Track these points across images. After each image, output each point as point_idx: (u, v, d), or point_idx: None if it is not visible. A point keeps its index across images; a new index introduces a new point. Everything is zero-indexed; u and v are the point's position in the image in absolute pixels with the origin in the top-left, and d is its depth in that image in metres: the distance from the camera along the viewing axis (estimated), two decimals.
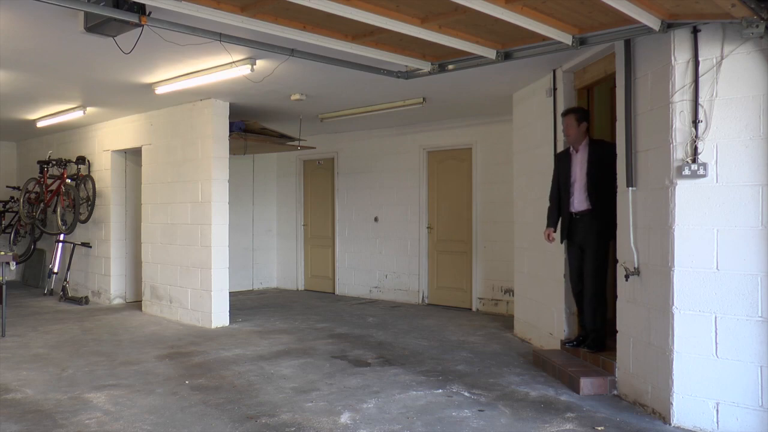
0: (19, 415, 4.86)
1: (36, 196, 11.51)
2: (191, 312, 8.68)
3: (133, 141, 9.96)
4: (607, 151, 5.64)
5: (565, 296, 6.49)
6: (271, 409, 4.96)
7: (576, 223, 5.97)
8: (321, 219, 12.11)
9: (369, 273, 11.26)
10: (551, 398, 5.26)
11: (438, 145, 10.38)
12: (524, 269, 7.69)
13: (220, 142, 8.53)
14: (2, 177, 13.33)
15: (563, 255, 6.47)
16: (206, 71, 6.88)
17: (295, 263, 12.48)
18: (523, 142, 7.76)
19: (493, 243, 9.63)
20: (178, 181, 9.00)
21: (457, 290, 10.14)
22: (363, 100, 8.54)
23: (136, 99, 8.57)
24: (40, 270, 12.38)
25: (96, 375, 6.01)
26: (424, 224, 10.52)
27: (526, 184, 7.61)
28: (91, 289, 10.83)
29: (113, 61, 6.47)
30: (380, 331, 8.10)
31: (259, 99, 8.29)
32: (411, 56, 5.99)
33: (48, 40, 5.89)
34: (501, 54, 5.70)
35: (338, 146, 11.66)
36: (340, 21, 4.85)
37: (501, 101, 8.31)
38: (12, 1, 4.72)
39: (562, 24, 4.97)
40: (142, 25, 4.78)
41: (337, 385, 5.61)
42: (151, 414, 4.86)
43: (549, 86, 6.81)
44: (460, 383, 5.68)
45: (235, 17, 4.73)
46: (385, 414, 4.85)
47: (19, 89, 8.02)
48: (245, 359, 6.60)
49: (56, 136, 11.81)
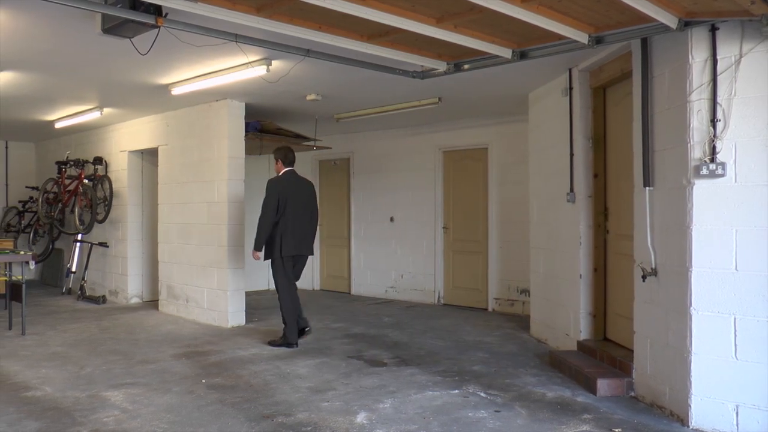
0: (39, 412, 4.91)
1: (54, 196, 11.61)
2: (207, 311, 8.72)
3: (149, 141, 10.03)
4: None
5: (582, 297, 6.45)
6: (287, 408, 4.98)
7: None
8: (337, 219, 12.12)
9: (385, 273, 11.26)
10: (568, 399, 5.24)
11: (453, 145, 10.35)
12: (540, 269, 7.66)
13: (236, 143, 8.56)
14: (21, 177, 13.47)
15: (579, 255, 6.44)
16: (222, 72, 6.90)
17: (310, 263, 12.40)
18: (539, 142, 7.73)
19: (509, 243, 9.60)
20: (194, 182, 9.05)
21: (473, 290, 10.12)
22: (378, 100, 8.54)
23: (152, 100, 8.62)
24: (58, 269, 12.48)
25: (113, 373, 6.06)
26: (439, 224, 10.51)
27: (542, 183, 7.58)
28: (109, 289, 10.91)
29: (130, 62, 6.52)
30: (396, 331, 8.10)
31: (274, 99, 8.31)
32: (426, 56, 5.98)
33: (66, 41, 5.94)
34: (517, 53, 5.68)
35: (354, 146, 11.66)
36: (355, 21, 4.85)
37: (517, 101, 8.28)
38: (30, 4, 4.76)
39: (578, 23, 4.94)
40: (159, 26, 4.81)
41: (353, 385, 5.62)
42: (168, 412, 4.89)
43: (565, 86, 6.78)
44: (476, 384, 5.67)
45: (250, 18, 4.74)
46: (402, 414, 4.85)
47: (37, 90, 8.09)
48: (261, 359, 6.62)
49: (74, 136, 11.91)
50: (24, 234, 12.70)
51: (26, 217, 12.80)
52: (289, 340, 7.15)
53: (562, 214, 6.89)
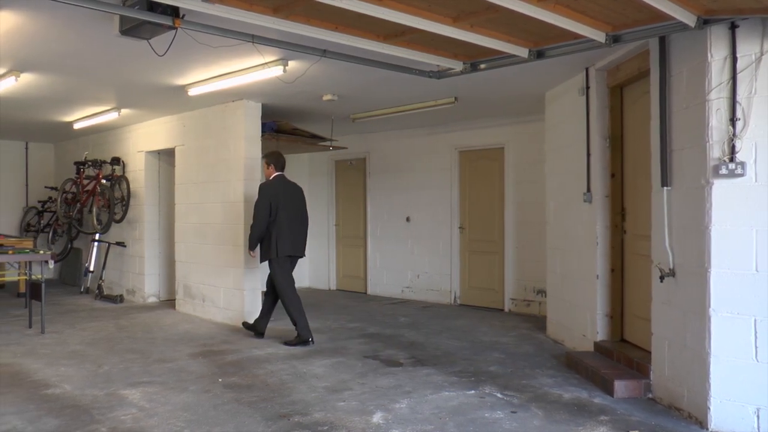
0: (58, 409, 4.96)
1: (72, 196, 11.71)
2: (224, 311, 8.76)
3: (166, 142, 10.09)
4: None
5: (599, 297, 6.42)
6: (304, 407, 4.99)
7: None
8: (353, 219, 12.13)
9: (401, 273, 11.26)
10: (584, 400, 5.21)
11: (470, 144, 10.33)
12: (556, 270, 7.63)
13: (253, 143, 8.59)
14: (40, 178, 13.62)
15: (596, 255, 6.40)
16: (239, 72, 6.93)
17: (326, 263, 12.53)
18: (555, 142, 7.69)
19: (525, 243, 9.56)
20: (210, 182, 9.09)
21: (489, 291, 10.09)
22: (395, 99, 8.54)
23: (169, 100, 8.68)
24: (76, 268, 12.59)
25: (131, 372, 6.11)
26: (455, 224, 10.49)
27: (558, 183, 7.54)
28: (126, 288, 10.99)
29: (147, 63, 6.56)
30: (412, 331, 8.09)
31: (291, 99, 8.33)
32: (443, 56, 5.97)
33: (84, 43, 5.99)
34: (533, 53, 5.66)
35: (370, 146, 11.67)
36: (371, 21, 4.85)
37: (533, 100, 8.25)
38: (50, 7, 4.80)
39: (595, 21, 4.91)
40: (176, 27, 4.84)
41: (370, 385, 5.62)
42: (185, 411, 4.92)
43: (582, 85, 6.74)
44: (492, 384, 5.66)
45: (267, 19, 4.76)
46: (418, 414, 4.85)
47: (57, 92, 8.17)
48: (277, 358, 6.64)
49: (92, 137, 12.01)
50: (43, 233, 12.84)
51: (45, 216, 12.94)
52: (303, 337, 7.26)
53: (578, 214, 6.86)
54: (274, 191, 7.40)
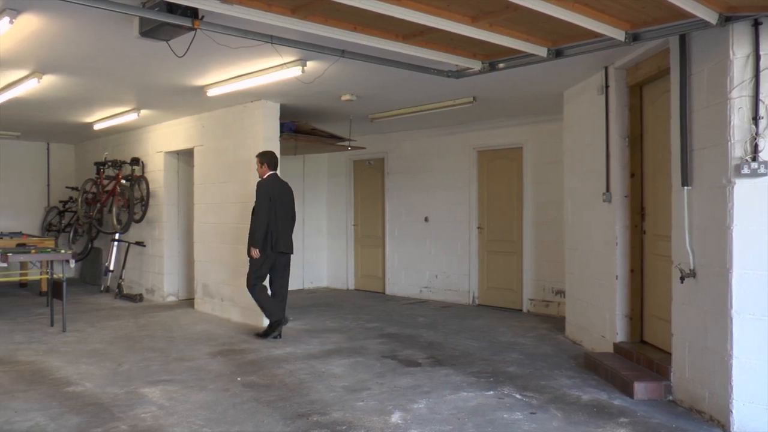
0: (79, 407, 5.01)
1: (93, 196, 11.82)
2: (242, 310, 8.79)
3: (185, 142, 10.15)
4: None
5: (618, 298, 6.37)
6: (323, 407, 5.00)
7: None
8: (371, 219, 12.14)
9: (419, 273, 11.25)
10: (604, 402, 5.17)
11: (488, 144, 10.30)
12: (575, 270, 7.58)
13: (271, 143, 8.60)
14: (61, 178, 13.76)
15: (615, 256, 6.35)
16: (257, 73, 6.96)
17: (345, 263, 12.55)
18: (574, 141, 7.65)
19: (544, 243, 9.52)
20: (229, 182, 9.13)
21: (507, 291, 10.05)
22: (413, 99, 8.53)
23: (188, 101, 8.73)
24: (96, 268, 12.71)
25: (150, 370, 6.15)
26: (474, 224, 10.46)
27: (577, 183, 7.50)
28: (145, 287, 11.08)
29: (167, 64, 6.60)
30: (430, 332, 8.08)
31: (309, 100, 8.35)
32: (461, 55, 5.96)
33: (104, 45, 6.04)
34: (552, 52, 5.63)
35: (388, 146, 11.67)
36: (390, 21, 4.85)
37: (552, 99, 8.20)
38: (71, 9, 4.85)
39: (615, 20, 4.87)
40: (195, 29, 4.87)
41: (388, 385, 5.62)
42: (204, 410, 4.95)
43: (601, 84, 6.69)
44: (511, 385, 5.64)
45: (286, 19, 4.77)
46: (436, 415, 4.84)
47: (77, 93, 8.26)
48: (296, 357, 6.66)
49: (112, 138, 12.12)
50: (64, 233, 12.97)
51: (66, 216, 13.07)
52: (275, 317, 7.52)
53: (597, 214, 6.81)
54: (271, 189, 7.57)
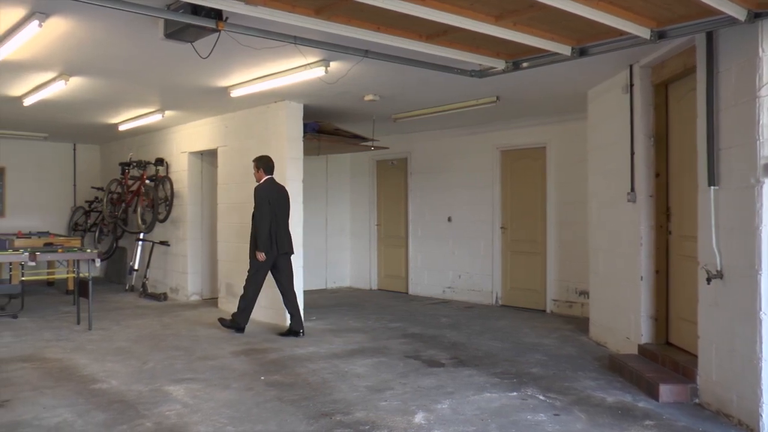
0: (105, 404, 5.06)
1: (118, 196, 11.95)
2: (266, 310, 8.82)
3: (209, 143, 10.22)
4: None
5: (643, 299, 6.31)
6: (346, 407, 5.01)
7: None
8: (394, 219, 12.14)
9: (442, 273, 11.22)
10: (628, 404, 5.12)
11: (511, 144, 10.26)
12: (599, 270, 7.52)
13: (295, 143, 8.65)
14: (87, 178, 13.93)
15: (640, 256, 6.29)
16: (281, 74, 6.98)
17: (368, 263, 12.55)
18: (598, 140, 7.58)
19: (568, 243, 9.45)
20: (252, 182, 9.11)
21: (531, 291, 10.00)
22: (436, 99, 8.51)
23: (212, 102, 8.79)
24: (121, 267, 12.84)
25: (175, 369, 6.20)
26: (497, 224, 10.42)
27: (601, 183, 7.43)
28: (170, 286, 11.17)
29: (191, 66, 6.65)
30: (453, 332, 8.06)
31: (332, 100, 8.37)
32: (485, 54, 5.94)
33: (130, 47, 6.11)
34: (576, 50, 5.59)
35: (411, 146, 11.66)
36: (413, 21, 4.85)
37: (576, 99, 8.14)
38: (97, 12, 4.91)
39: (640, 17, 4.83)
40: (219, 30, 4.91)
41: (411, 385, 5.61)
42: (228, 408, 4.98)
43: (625, 82, 6.63)
44: (534, 386, 5.60)
45: (309, 20, 4.79)
46: (459, 415, 4.83)
47: (103, 95, 8.35)
48: (319, 357, 6.68)
49: (136, 138, 12.23)
50: (90, 233, 13.12)
51: (92, 216, 13.22)
52: (239, 323, 7.94)
53: (622, 214, 6.75)
54: (269, 193, 7.83)
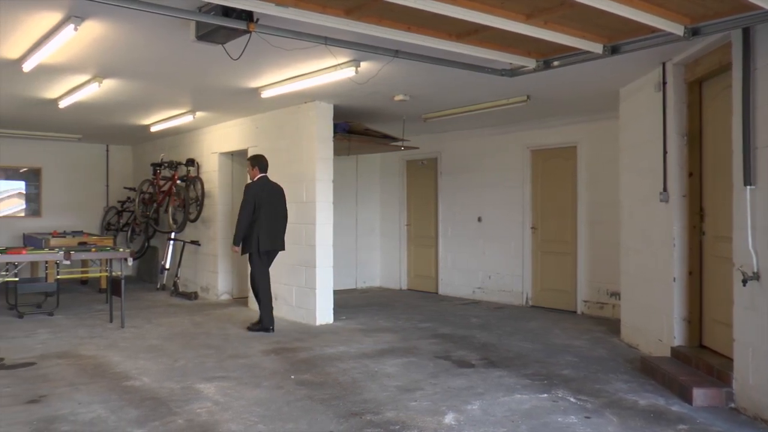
0: (138, 401, 5.13)
1: (149, 196, 12.10)
2: (296, 309, 8.88)
3: (239, 143, 10.30)
4: None
5: (676, 301, 6.21)
6: (376, 406, 5.01)
7: None
8: (424, 219, 12.12)
9: (472, 273, 11.18)
10: (661, 408, 5.05)
11: (542, 143, 10.18)
12: (631, 271, 7.43)
13: (325, 144, 8.68)
14: (120, 179, 14.14)
15: (673, 257, 6.20)
16: (311, 74, 7.01)
17: (398, 263, 12.55)
18: (630, 139, 7.49)
19: (599, 244, 9.36)
20: (282, 182, 9.18)
21: (561, 292, 9.92)
22: (467, 99, 8.48)
23: (242, 103, 8.86)
24: (153, 266, 13.00)
25: (205, 367, 6.26)
26: (527, 224, 10.35)
27: (633, 182, 7.34)
28: (200, 285, 11.28)
29: (222, 67, 6.71)
30: (484, 332, 8.03)
31: (362, 100, 8.38)
32: (515, 53, 5.91)
33: (162, 50, 6.18)
34: (608, 48, 5.54)
35: (441, 146, 11.64)
36: (444, 20, 4.84)
37: (607, 97, 8.05)
38: (131, 15, 4.98)
39: (673, 14, 4.76)
40: (250, 31, 4.94)
41: (441, 386, 5.60)
42: (259, 406, 5.01)
43: (658, 80, 6.54)
44: (565, 388, 5.55)
45: (340, 21, 4.80)
46: (490, 416, 4.80)
47: (135, 97, 8.47)
48: (349, 356, 6.70)
49: (168, 139, 12.39)
50: (122, 232, 13.30)
51: (124, 216, 13.40)
52: (266, 324, 8.03)
53: (654, 214, 6.66)
54: (257, 191, 8.02)
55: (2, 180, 13.25)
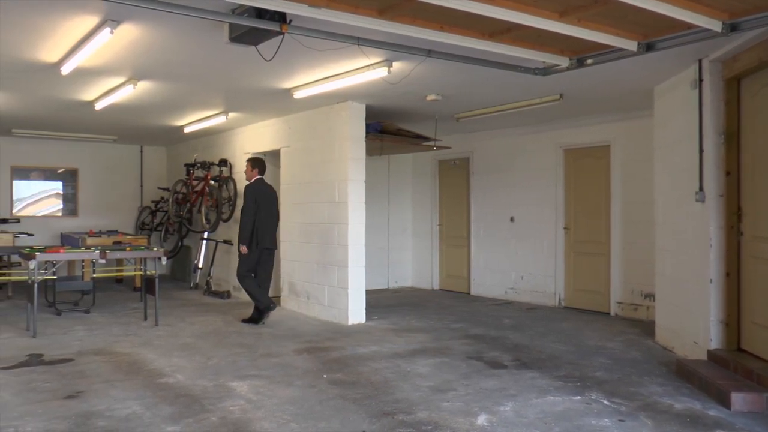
0: (172, 398, 5.19)
1: (183, 196, 12.23)
2: (328, 309, 8.91)
3: (271, 144, 10.37)
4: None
5: (713, 303, 6.11)
6: (408, 406, 5.00)
7: None
8: (456, 219, 12.08)
9: (504, 274, 11.12)
10: (698, 412, 4.96)
11: (574, 142, 10.09)
12: (666, 272, 7.31)
13: (357, 144, 8.70)
14: (154, 179, 14.34)
15: (709, 258, 6.09)
16: (344, 75, 7.03)
17: (430, 263, 12.53)
18: (665, 138, 7.38)
19: (633, 244, 9.23)
20: (315, 182, 9.27)
21: (595, 293, 9.81)
22: (499, 98, 8.43)
23: (275, 104, 8.91)
24: (186, 265, 13.15)
25: (238, 365, 6.31)
26: (560, 224, 10.26)
27: (668, 182, 7.23)
28: (233, 284, 11.33)
29: (255, 68, 6.76)
30: (516, 333, 7.98)
31: (394, 100, 8.38)
32: (548, 52, 5.87)
33: (195, 51, 6.25)
34: (642, 46, 5.48)
35: (473, 145, 11.59)
36: (477, 19, 4.82)
37: (641, 95, 7.95)
38: (165, 18, 5.04)
39: (711, 10, 4.69)
40: (283, 33, 4.98)
41: (474, 386, 5.57)
42: (291, 405, 5.04)
43: (694, 77, 6.43)
44: (599, 390, 5.49)
45: (372, 21, 4.81)
46: (523, 418, 4.77)
47: (169, 98, 8.58)
48: (381, 356, 6.70)
49: (201, 140, 12.51)
50: (156, 232, 13.47)
51: (158, 216, 13.58)
52: (264, 304, 8.44)
53: (690, 214, 6.55)
54: (257, 192, 8.46)
55: (41, 180, 13.50)
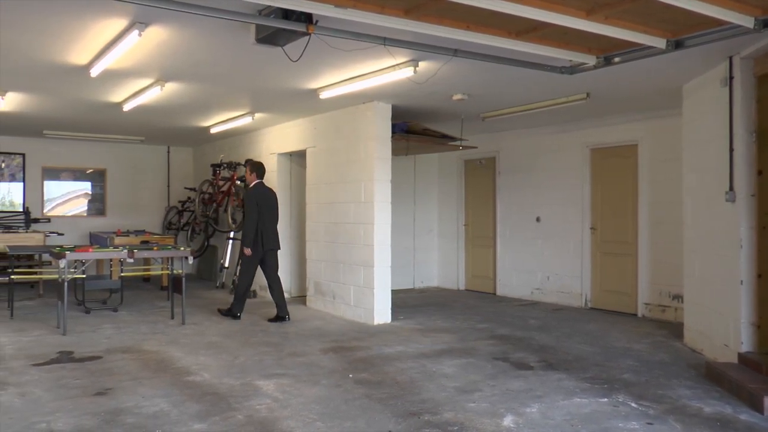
0: (198, 396, 5.24)
1: (209, 196, 12.32)
2: (354, 308, 8.93)
3: (297, 144, 10.41)
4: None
5: (743, 305, 6.01)
6: (434, 407, 4.99)
7: None
8: (482, 219, 12.03)
9: (530, 274, 11.05)
10: (728, 416, 4.87)
11: (601, 142, 10.00)
12: (695, 273, 7.21)
13: (383, 144, 8.70)
14: (180, 179, 14.48)
15: (740, 259, 6.00)
16: (370, 75, 7.03)
17: (455, 263, 12.50)
18: (694, 137, 7.27)
19: (661, 245, 9.13)
20: (341, 182, 9.29)
21: (622, 294, 9.71)
22: (526, 97, 8.38)
23: (301, 104, 8.95)
24: (212, 264, 13.25)
25: (264, 364, 6.34)
26: (587, 224, 10.17)
27: (697, 181, 7.14)
28: (259, 284, 11.36)
29: (281, 69, 6.80)
30: (542, 334, 7.93)
31: (421, 100, 8.37)
32: (575, 50, 5.83)
33: (222, 52, 6.30)
34: (671, 43, 5.41)
35: (499, 145, 11.54)
36: (503, 18, 4.80)
37: (669, 94, 7.85)
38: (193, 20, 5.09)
39: (742, 5, 4.62)
40: (309, 33, 4.99)
41: (500, 387, 5.55)
42: (317, 404, 5.05)
43: (724, 75, 6.33)
44: (626, 393, 5.43)
45: (399, 21, 4.81)
46: (549, 420, 4.73)
47: (196, 100, 8.66)
48: (407, 356, 6.70)
49: (227, 141, 12.61)
50: (183, 231, 13.59)
51: (185, 215, 13.71)
52: (235, 311, 8.86)
53: (720, 214, 6.45)
54: (258, 196, 8.71)
55: (70, 181, 13.70)
